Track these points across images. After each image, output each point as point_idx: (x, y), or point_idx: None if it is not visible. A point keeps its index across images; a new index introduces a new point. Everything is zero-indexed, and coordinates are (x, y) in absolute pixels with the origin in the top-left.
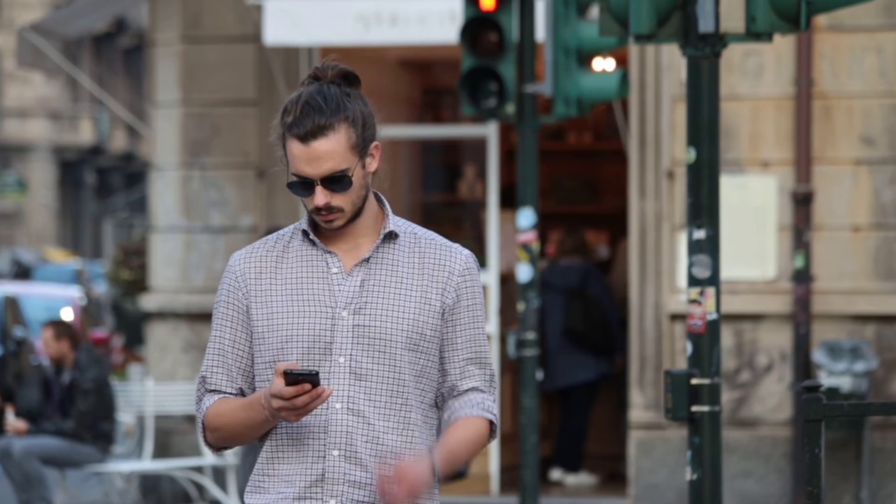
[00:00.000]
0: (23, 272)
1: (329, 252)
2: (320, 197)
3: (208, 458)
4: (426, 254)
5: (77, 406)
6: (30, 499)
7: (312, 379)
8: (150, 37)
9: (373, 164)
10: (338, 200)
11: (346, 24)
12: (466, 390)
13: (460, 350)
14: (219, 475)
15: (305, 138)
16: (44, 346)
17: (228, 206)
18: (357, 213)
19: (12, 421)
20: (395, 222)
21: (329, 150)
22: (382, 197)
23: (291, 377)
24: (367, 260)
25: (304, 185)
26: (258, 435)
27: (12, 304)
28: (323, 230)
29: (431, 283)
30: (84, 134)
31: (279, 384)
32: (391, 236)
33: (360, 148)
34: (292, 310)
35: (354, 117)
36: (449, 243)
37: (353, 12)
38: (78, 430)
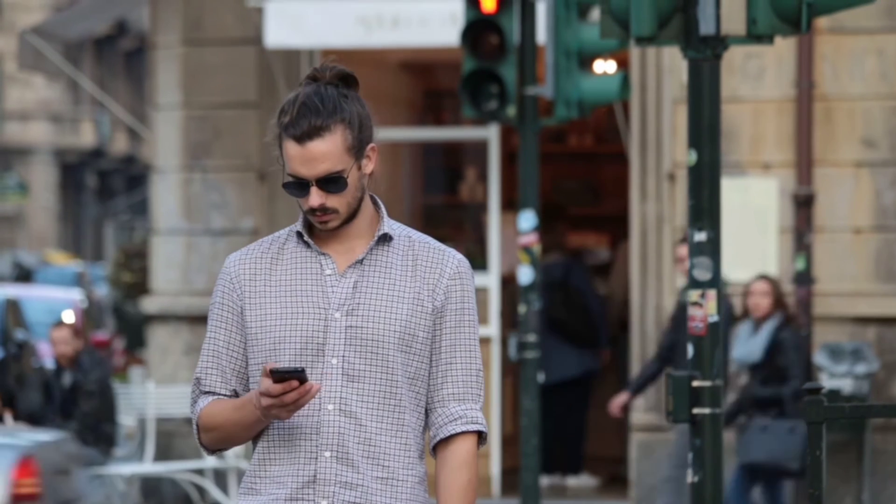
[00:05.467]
0: (24, 275)
1: (323, 254)
2: (315, 198)
3: (209, 460)
4: (419, 256)
5: (80, 408)
6: None
7: (299, 376)
8: (152, 39)
9: (369, 165)
10: (333, 202)
11: (347, 27)
12: (448, 398)
13: (444, 353)
14: (220, 477)
15: (301, 139)
16: (59, 345)
17: (229, 209)
18: (352, 215)
19: (12, 425)
20: (390, 225)
21: (325, 152)
22: (378, 200)
23: (277, 375)
24: (361, 262)
25: (299, 186)
26: (252, 435)
27: (13, 306)
28: (318, 232)
29: (423, 285)
30: (85, 136)
31: (267, 382)
32: (385, 238)
33: (356, 150)
34: (285, 311)
35: (351, 119)
36: (443, 247)
37: (355, 15)
38: (81, 431)
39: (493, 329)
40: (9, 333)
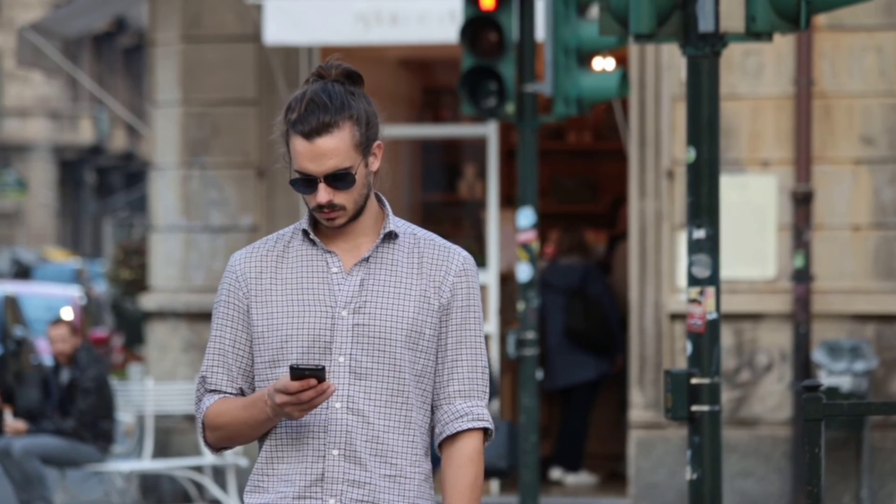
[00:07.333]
0: (23, 272)
1: (329, 252)
2: (323, 194)
3: (208, 457)
4: (425, 253)
5: (77, 405)
6: (30, 498)
7: (318, 374)
8: (150, 36)
9: (375, 163)
10: (340, 198)
11: (346, 24)
12: (453, 395)
13: (450, 351)
14: (219, 475)
15: (310, 135)
16: (57, 343)
17: (228, 206)
18: (358, 213)
19: (11, 422)
20: (396, 223)
21: (333, 148)
22: (383, 197)
23: (297, 372)
24: (367, 259)
25: (306, 183)
26: (259, 434)
27: (12, 303)
28: (323, 229)
29: (429, 282)
30: (84, 133)
31: (285, 379)
32: (391, 236)
33: (364, 147)
34: (292, 309)
35: (359, 116)
36: (448, 244)
37: (353, 12)
38: (78, 429)
39: (491, 326)
40: (7, 330)
